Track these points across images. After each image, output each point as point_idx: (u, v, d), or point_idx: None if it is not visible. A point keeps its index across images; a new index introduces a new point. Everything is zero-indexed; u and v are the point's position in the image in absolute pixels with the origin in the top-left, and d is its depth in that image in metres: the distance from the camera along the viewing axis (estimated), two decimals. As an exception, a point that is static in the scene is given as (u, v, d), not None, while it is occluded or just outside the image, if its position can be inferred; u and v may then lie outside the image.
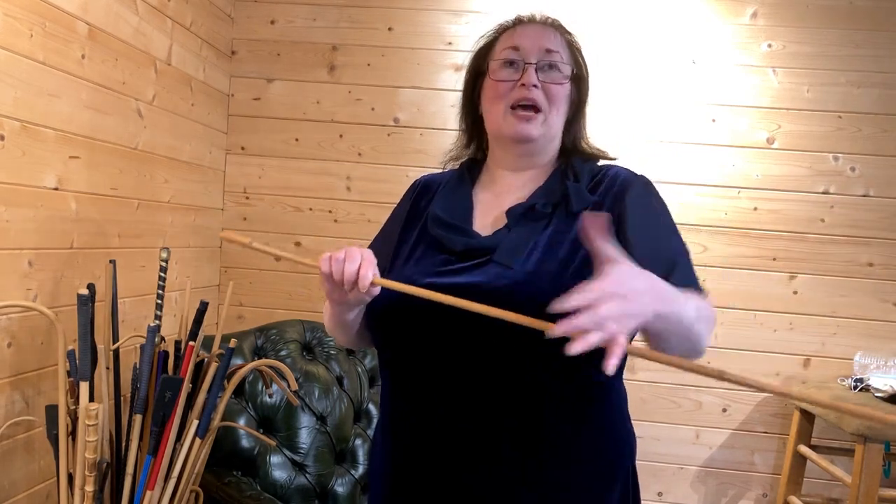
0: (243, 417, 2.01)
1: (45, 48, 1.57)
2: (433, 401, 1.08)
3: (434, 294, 0.96)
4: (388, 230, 1.29)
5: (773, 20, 2.50)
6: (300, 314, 2.50)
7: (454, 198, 1.21)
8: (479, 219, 1.18)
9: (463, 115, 1.29)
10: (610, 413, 1.12)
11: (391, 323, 1.12)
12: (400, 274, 1.15)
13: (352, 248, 1.03)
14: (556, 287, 1.03)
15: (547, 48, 1.16)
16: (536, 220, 1.12)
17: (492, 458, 1.05)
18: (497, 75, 1.17)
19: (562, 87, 1.16)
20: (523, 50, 1.16)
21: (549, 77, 1.15)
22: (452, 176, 1.27)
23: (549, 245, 1.09)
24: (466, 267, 1.10)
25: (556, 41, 1.18)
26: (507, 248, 1.09)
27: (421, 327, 1.08)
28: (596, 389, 1.09)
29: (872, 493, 2.01)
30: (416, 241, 1.20)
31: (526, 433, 1.04)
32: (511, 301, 1.02)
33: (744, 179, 2.51)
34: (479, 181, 1.25)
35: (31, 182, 1.56)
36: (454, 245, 1.13)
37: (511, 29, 1.21)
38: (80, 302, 1.47)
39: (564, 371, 1.04)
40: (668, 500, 2.59)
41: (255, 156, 2.63)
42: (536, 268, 1.06)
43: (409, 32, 2.58)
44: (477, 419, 1.05)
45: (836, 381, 2.43)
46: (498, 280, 1.05)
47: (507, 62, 1.16)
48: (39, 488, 1.66)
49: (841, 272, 2.50)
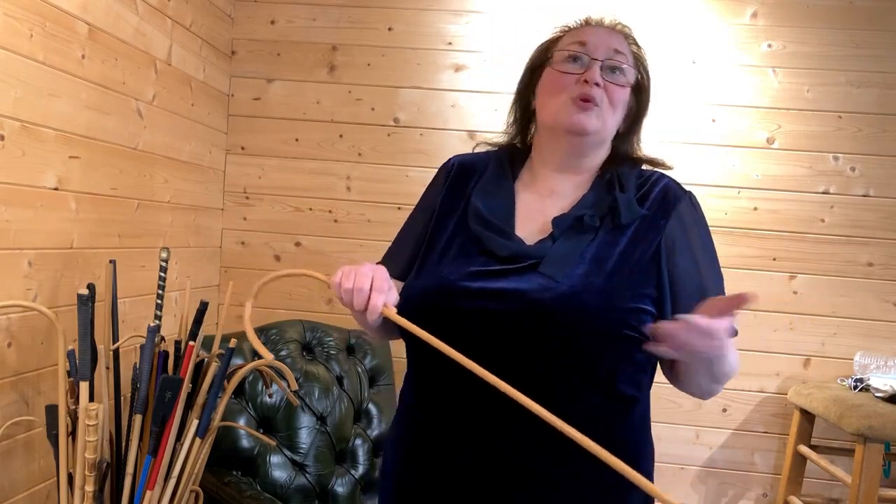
0: (243, 417, 2.01)
1: (45, 48, 1.57)
2: (451, 404, 1.07)
3: (466, 361, 0.94)
4: (418, 217, 1.24)
5: (773, 20, 2.50)
6: (300, 314, 2.50)
7: (496, 194, 1.17)
8: (522, 222, 1.14)
9: (514, 108, 1.25)
10: (635, 425, 1.12)
11: (423, 324, 1.10)
12: (434, 271, 1.12)
13: (362, 270, 1.00)
14: (602, 302, 1.02)
15: (615, 48, 1.13)
16: (584, 233, 1.09)
17: (513, 465, 1.04)
18: (561, 67, 1.13)
19: (623, 91, 1.13)
20: (590, 46, 1.13)
21: (612, 78, 1.12)
22: (491, 165, 1.22)
23: (596, 259, 1.06)
24: (508, 271, 1.07)
25: (624, 46, 1.16)
26: (554, 260, 1.06)
27: (445, 327, 1.04)
28: (625, 402, 1.09)
29: (872, 493, 2.01)
30: (452, 234, 1.16)
31: (551, 439, 1.02)
32: (555, 315, 1.01)
33: (744, 179, 2.51)
34: (519, 178, 1.20)
35: (31, 182, 1.56)
36: (498, 250, 1.09)
37: (579, 28, 1.19)
38: (80, 302, 1.47)
39: (593, 381, 1.04)
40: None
41: (255, 156, 2.63)
42: (582, 281, 1.03)
43: (409, 32, 2.58)
44: (499, 428, 1.04)
45: (836, 381, 2.43)
46: (543, 292, 1.03)
47: (573, 56, 1.13)
48: (39, 488, 1.66)
49: (841, 272, 2.50)
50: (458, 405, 1.07)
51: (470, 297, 1.05)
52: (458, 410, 1.07)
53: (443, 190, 1.22)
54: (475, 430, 1.06)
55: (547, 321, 1.01)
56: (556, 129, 1.13)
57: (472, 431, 1.06)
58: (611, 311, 1.02)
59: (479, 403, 1.04)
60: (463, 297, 1.06)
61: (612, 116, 1.13)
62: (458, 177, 1.22)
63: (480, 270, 1.08)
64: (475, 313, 1.04)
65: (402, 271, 1.18)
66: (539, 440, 1.02)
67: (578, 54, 1.12)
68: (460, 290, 1.06)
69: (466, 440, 1.07)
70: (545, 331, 1.01)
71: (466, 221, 1.15)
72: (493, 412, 1.03)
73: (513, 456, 1.05)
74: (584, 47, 1.13)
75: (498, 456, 1.05)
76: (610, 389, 1.05)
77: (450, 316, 1.06)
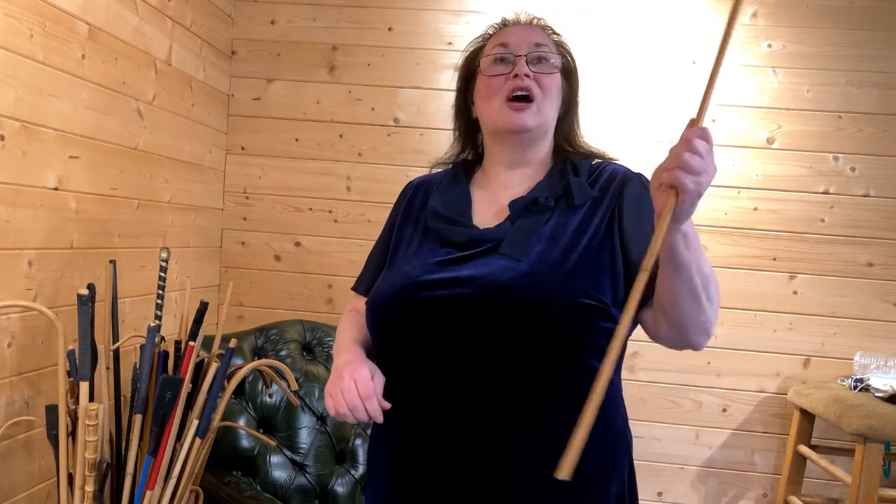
0: (243, 417, 2.01)
1: (45, 48, 1.57)
2: (431, 398, 1.08)
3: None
4: (383, 237, 1.31)
5: (773, 20, 2.50)
6: (300, 314, 2.50)
7: (452, 194, 1.22)
8: (479, 213, 1.19)
9: (456, 122, 1.32)
10: (606, 404, 1.12)
11: (392, 323, 1.12)
12: (399, 269, 1.16)
13: (344, 385, 1.05)
14: (559, 275, 1.05)
15: (535, 42, 1.19)
16: (539, 214, 1.13)
17: (488, 452, 1.05)
18: (489, 71, 1.19)
19: (553, 77, 1.18)
20: (512, 45, 1.18)
21: (539, 68, 1.17)
22: (447, 175, 1.28)
23: (552, 236, 1.10)
24: (469, 256, 1.10)
25: (544, 38, 1.21)
26: (513, 240, 1.10)
27: (413, 320, 1.09)
28: (593, 375, 1.08)
29: (872, 493, 2.01)
30: (412, 237, 1.21)
31: (526, 422, 1.05)
32: (516, 292, 1.04)
33: (744, 179, 2.51)
34: (474, 180, 1.26)
35: (31, 182, 1.56)
36: (455, 236, 1.14)
37: (498, 32, 1.24)
38: (80, 302, 1.47)
39: (560, 353, 1.05)
40: (668, 500, 2.59)
41: (255, 156, 2.63)
42: (540, 258, 1.07)
43: (409, 32, 2.58)
44: (473, 410, 1.06)
45: (836, 381, 2.43)
46: (505, 272, 1.06)
47: (498, 59, 1.19)
48: (39, 488, 1.66)
49: (841, 272, 2.50)
50: (442, 404, 1.08)
51: (433, 287, 1.09)
52: (448, 410, 1.08)
53: (402, 206, 1.29)
54: (459, 431, 1.07)
55: (509, 300, 1.04)
56: (497, 131, 1.19)
57: (457, 432, 1.07)
58: (568, 283, 1.04)
59: (462, 402, 1.06)
60: (426, 287, 1.09)
61: (549, 104, 1.18)
62: (416, 192, 1.29)
63: (442, 260, 1.11)
64: (440, 302, 1.07)
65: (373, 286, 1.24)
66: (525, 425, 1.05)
67: (503, 55, 1.18)
68: (423, 283, 1.10)
69: (449, 441, 1.08)
70: (508, 310, 1.04)
71: (426, 224, 1.20)
72: (472, 406, 1.06)
73: (509, 454, 1.06)
74: (506, 48, 1.19)
75: (494, 454, 1.06)
76: (577, 360, 1.05)
77: (416, 308, 1.09)
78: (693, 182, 0.87)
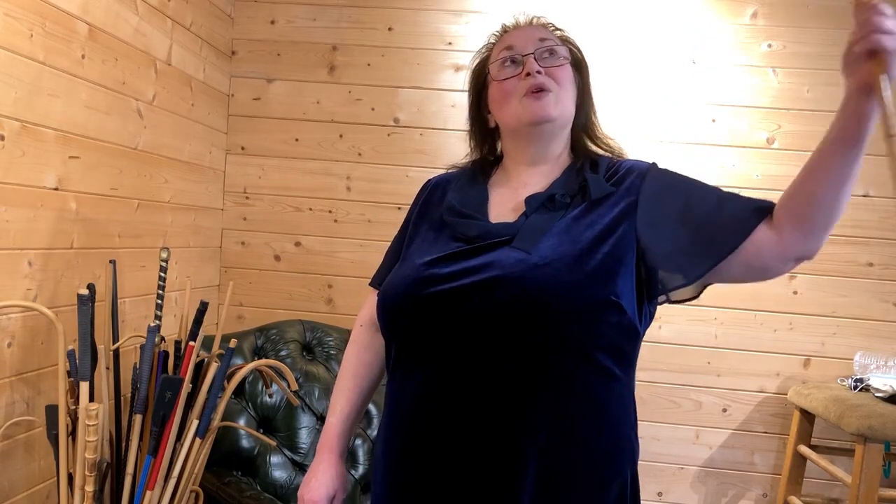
0: (243, 417, 2.01)
1: (45, 48, 1.57)
2: (439, 390, 1.08)
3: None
4: (399, 234, 1.30)
5: (773, 20, 2.50)
6: (300, 314, 2.50)
7: (469, 190, 1.22)
8: (495, 209, 1.19)
9: (472, 134, 1.31)
10: (615, 400, 1.11)
11: (402, 314, 1.12)
12: (410, 261, 1.16)
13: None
14: (571, 269, 1.05)
15: (539, 38, 1.19)
16: (555, 210, 1.13)
17: (495, 449, 1.05)
18: (500, 76, 1.19)
19: (564, 69, 1.18)
20: (518, 46, 1.18)
21: (549, 62, 1.17)
22: (465, 172, 1.28)
23: (567, 231, 1.10)
24: (480, 248, 1.10)
25: (547, 34, 1.21)
26: (527, 234, 1.10)
27: (424, 311, 1.09)
28: (603, 373, 1.08)
29: (872, 493, 2.01)
30: (427, 232, 1.21)
31: (533, 418, 1.04)
32: (526, 284, 1.04)
33: (744, 179, 2.51)
34: (493, 179, 1.26)
35: (31, 182, 1.56)
36: (469, 230, 1.14)
37: (501, 37, 1.24)
38: (80, 302, 1.47)
39: (570, 347, 1.04)
40: (668, 500, 2.59)
41: (255, 156, 2.63)
42: (552, 251, 1.07)
43: (409, 32, 2.58)
44: (481, 403, 1.05)
45: (836, 381, 2.43)
46: (515, 265, 1.06)
47: (506, 61, 1.18)
48: (39, 488, 1.66)
49: (841, 272, 2.50)
50: (451, 396, 1.08)
51: (443, 278, 1.09)
52: (457, 402, 1.07)
53: (419, 204, 1.28)
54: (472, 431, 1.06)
55: (519, 292, 1.04)
56: (521, 127, 1.18)
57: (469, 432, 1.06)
58: (579, 277, 1.04)
59: (465, 400, 1.06)
60: (437, 279, 1.09)
61: (566, 95, 1.18)
62: (434, 190, 1.29)
63: (453, 252, 1.11)
64: (449, 292, 1.07)
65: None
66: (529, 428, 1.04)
67: (511, 56, 1.18)
68: (434, 274, 1.10)
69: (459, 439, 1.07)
70: (518, 302, 1.04)
71: (441, 219, 1.20)
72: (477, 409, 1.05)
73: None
74: (513, 50, 1.19)
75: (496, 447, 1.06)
76: (587, 356, 1.05)
77: (425, 298, 1.09)
78: (894, 41, 0.86)
